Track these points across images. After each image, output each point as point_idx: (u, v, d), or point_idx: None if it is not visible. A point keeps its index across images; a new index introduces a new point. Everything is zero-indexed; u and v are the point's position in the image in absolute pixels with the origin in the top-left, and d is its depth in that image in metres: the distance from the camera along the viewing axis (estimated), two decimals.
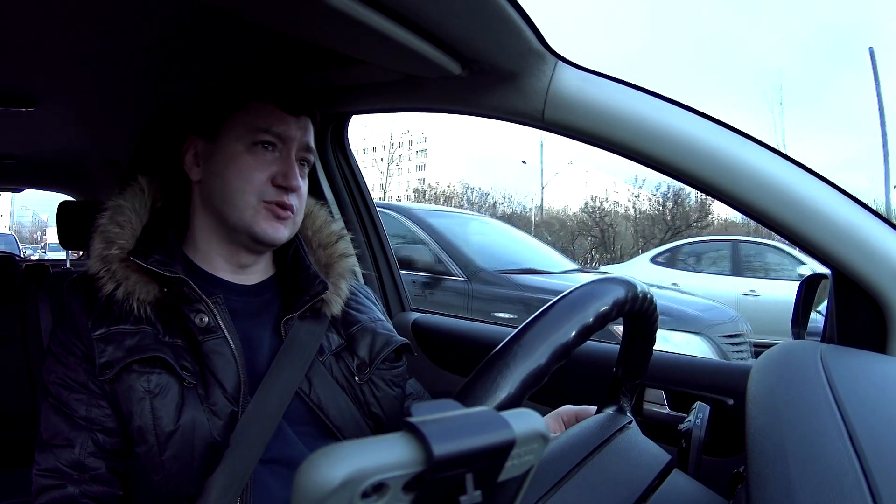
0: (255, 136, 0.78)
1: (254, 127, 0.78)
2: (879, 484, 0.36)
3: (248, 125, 0.78)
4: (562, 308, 0.48)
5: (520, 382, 0.43)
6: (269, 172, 0.78)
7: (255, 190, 0.77)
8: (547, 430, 0.30)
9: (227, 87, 0.82)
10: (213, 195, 0.79)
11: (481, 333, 1.37)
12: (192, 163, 0.82)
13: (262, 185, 0.77)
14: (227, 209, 0.78)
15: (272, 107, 0.79)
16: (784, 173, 0.75)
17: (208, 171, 0.80)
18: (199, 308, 0.75)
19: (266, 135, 0.78)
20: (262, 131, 0.78)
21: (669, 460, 0.59)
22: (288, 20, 0.73)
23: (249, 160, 0.77)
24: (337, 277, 0.87)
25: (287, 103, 0.80)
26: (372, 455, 0.24)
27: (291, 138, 0.80)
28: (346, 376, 0.82)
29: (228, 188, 0.77)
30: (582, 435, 0.57)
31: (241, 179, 0.77)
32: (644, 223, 18.38)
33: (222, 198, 0.78)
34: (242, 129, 0.78)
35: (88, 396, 0.72)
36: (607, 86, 0.79)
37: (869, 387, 0.57)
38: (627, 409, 0.66)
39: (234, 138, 0.78)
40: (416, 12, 0.66)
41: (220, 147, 0.79)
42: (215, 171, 0.79)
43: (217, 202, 0.79)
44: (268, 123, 0.78)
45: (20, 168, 2.42)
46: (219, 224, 0.80)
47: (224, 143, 0.79)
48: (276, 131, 0.78)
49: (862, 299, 0.75)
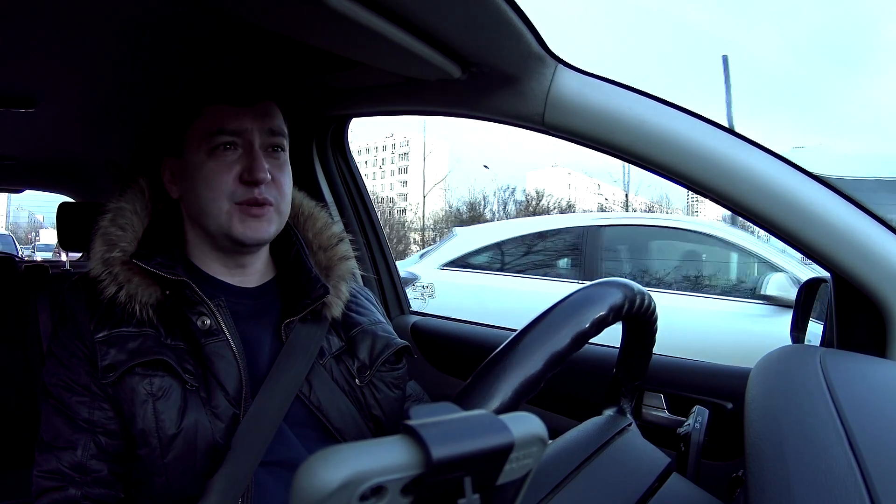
0: (212, 140, 0.76)
1: (208, 131, 0.77)
2: (878, 488, 0.36)
3: (203, 131, 0.77)
4: (560, 312, 0.49)
5: (517, 386, 0.43)
6: (235, 172, 0.76)
7: (224, 194, 0.76)
8: (546, 433, 0.30)
9: (181, 100, 0.81)
10: (192, 209, 0.79)
11: (480, 336, 1.37)
12: (170, 182, 0.82)
13: (230, 186, 0.76)
14: (204, 219, 0.78)
15: (223, 106, 0.78)
16: (784, 177, 0.75)
17: (183, 187, 0.80)
18: (201, 310, 0.75)
19: (221, 136, 0.76)
20: (215, 134, 0.76)
21: (669, 463, 0.59)
22: (288, 23, 0.73)
23: (212, 166, 0.76)
24: (337, 280, 0.86)
25: (236, 97, 0.78)
26: (370, 458, 0.24)
27: (248, 130, 0.77)
28: (346, 379, 0.82)
29: (200, 199, 0.77)
30: (581, 438, 0.57)
31: (209, 187, 0.76)
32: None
33: (198, 209, 0.78)
34: (199, 136, 0.77)
35: (90, 399, 0.72)
36: (607, 89, 0.79)
37: (868, 391, 0.57)
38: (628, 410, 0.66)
39: (195, 148, 0.77)
40: (416, 15, 0.66)
41: (187, 161, 0.78)
42: (188, 185, 0.79)
43: (196, 214, 0.79)
44: (219, 124, 0.76)
45: (20, 169, 2.42)
46: (204, 234, 0.80)
47: (189, 156, 0.78)
48: (230, 128, 0.77)
49: (862, 303, 0.75)
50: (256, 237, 0.77)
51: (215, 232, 0.78)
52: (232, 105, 0.78)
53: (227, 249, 0.80)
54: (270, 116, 0.80)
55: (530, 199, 25.29)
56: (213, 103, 0.78)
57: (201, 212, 0.77)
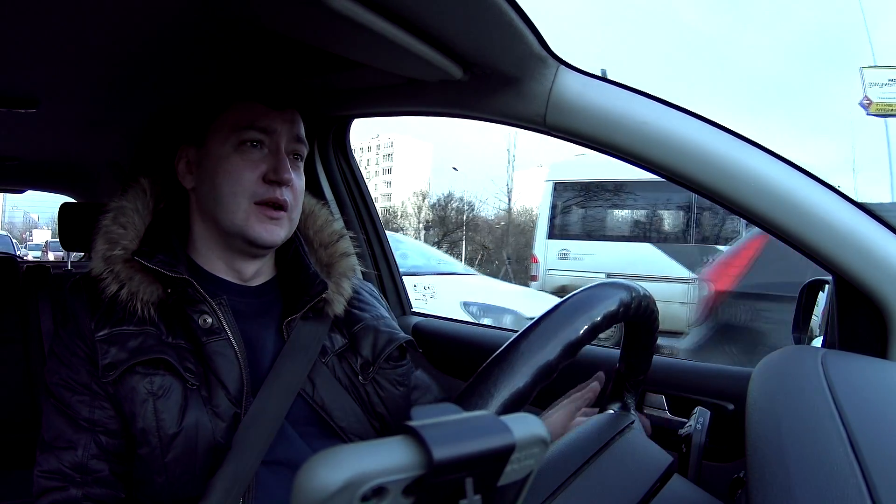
0: (241, 135, 0.77)
1: (238, 125, 0.77)
2: (880, 489, 0.36)
3: (232, 125, 0.77)
4: (560, 313, 0.49)
5: (520, 387, 0.43)
6: (260, 170, 0.77)
7: (247, 190, 0.76)
8: (547, 434, 0.30)
9: (211, 91, 0.81)
10: (207, 200, 0.79)
11: (482, 337, 1.37)
12: (185, 171, 0.81)
13: (252, 184, 0.76)
14: (220, 213, 0.77)
15: (255, 104, 0.78)
16: (786, 178, 0.75)
17: (200, 177, 0.80)
18: (202, 309, 0.75)
19: (251, 131, 0.77)
20: (246, 128, 0.77)
21: (671, 462, 0.59)
22: (290, 23, 0.73)
23: (238, 160, 0.77)
24: (339, 277, 0.86)
25: (269, 98, 0.79)
26: (372, 458, 0.24)
27: (278, 131, 0.78)
28: (349, 377, 0.82)
29: (219, 191, 0.77)
30: (583, 438, 0.57)
31: (232, 181, 0.76)
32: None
33: (215, 202, 0.77)
34: (228, 129, 0.77)
35: (91, 398, 0.72)
36: (609, 90, 0.79)
37: (870, 392, 0.57)
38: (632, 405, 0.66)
39: (221, 141, 0.78)
40: (418, 16, 0.66)
41: (208, 152, 0.78)
42: (206, 176, 0.78)
43: (210, 207, 0.78)
44: (250, 119, 0.77)
45: (21, 169, 2.42)
46: (215, 230, 0.80)
47: (212, 147, 0.78)
48: (261, 125, 0.77)
49: (863, 304, 0.75)
50: (270, 240, 0.78)
51: (229, 228, 0.77)
52: (264, 104, 0.79)
53: (235, 248, 0.80)
54: (297, 124, 0.81)
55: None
56: (245, 99, 0.79)
57: (218, 205, 0.77)
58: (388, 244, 1.54)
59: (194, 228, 0.82)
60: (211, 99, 0.81)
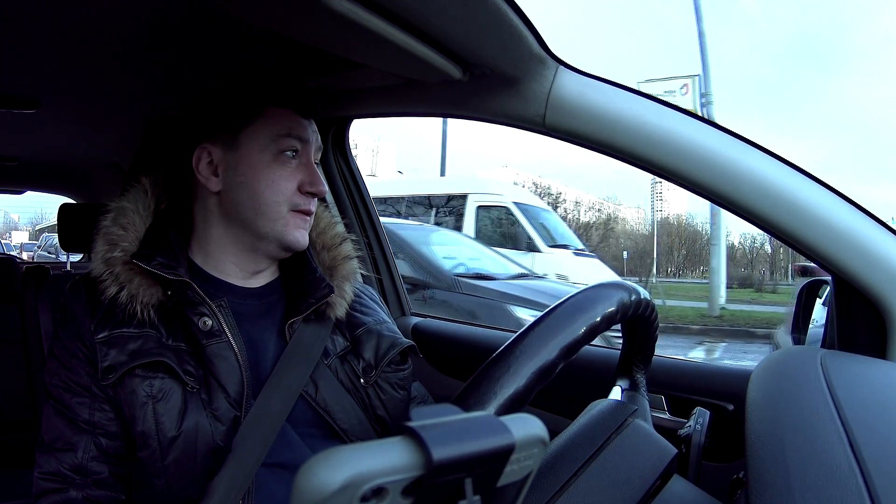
0: (280, 144, 0.78)
1: (277, 133, 0.78)
2: (879, 489, 0.36)
3: (270, 133, 0.78)
4: (561, 314, 0.49)
5: (519, 387, 0.43)
6: (296, 180, 0.79)
7: (288, 200, 0.78)
8: (546, 434, 0.30)
9: (241, 93, 0.81)
10: (240, 206, 0.78)
11: (481, 338, 1.37)
12: (209, 172, 0.80)
13: (292, 194, 0.78)
14: (258, 219, 0.78)
15: (289, 111, 0.79)
16: (785, 178, 0.75)
17: (232, 181, 0.78)
18: (202, 311, 0.75)
19: (290, 139, 0.78)
20: (285, 137, 0.78)
21: (674, 456, 0.58)
22: (290, 24, 0.73)
23: (278, 170, 0.78)
24: (341, 280, 0.86)
25: (302, 106, 0.81)
26: (371, 459, 0.24)
27: (309, 142, 0.81)
28: (351, 379, 0.82)
29: (260, 199, 0.77)
30: (583, 437, 0.57)
31: (274, 190, 0.77)
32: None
33: (253, 208, 0.78)
34: (266, 137, 0.78)
35: (91, 400, 0.72)
36: (608, 90, 0.79)
37: (869, 392, 0.57)
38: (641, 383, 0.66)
39: (259, 147, 0.78)
40: (417, 17, 0.66)
41: (243, 156, 0.78)
42: (242, 181, 0.78)
43: (245, 212, 0.78)
44: (289, 128, 0.78)
45: (22, 170, 2.42)
46: (244, 233, 0.80)
47: (248, 153, 0.78)
48: (297, 134, 0.79)
49: (862, 305, 0.75)
50: (302, 244, 0.80)
51: (266, 233, 0.78)
52: (298, 113, 0.80)
53: (262, 251, 0.81)
54: (317, 133, 0.83)
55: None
56: (278, 105, 0.79)
57: (257, 211, 0.78)
58: (388, 246, 1.54)
59: (210, 231, 0.81)
60: (242, 101, 0.80)
